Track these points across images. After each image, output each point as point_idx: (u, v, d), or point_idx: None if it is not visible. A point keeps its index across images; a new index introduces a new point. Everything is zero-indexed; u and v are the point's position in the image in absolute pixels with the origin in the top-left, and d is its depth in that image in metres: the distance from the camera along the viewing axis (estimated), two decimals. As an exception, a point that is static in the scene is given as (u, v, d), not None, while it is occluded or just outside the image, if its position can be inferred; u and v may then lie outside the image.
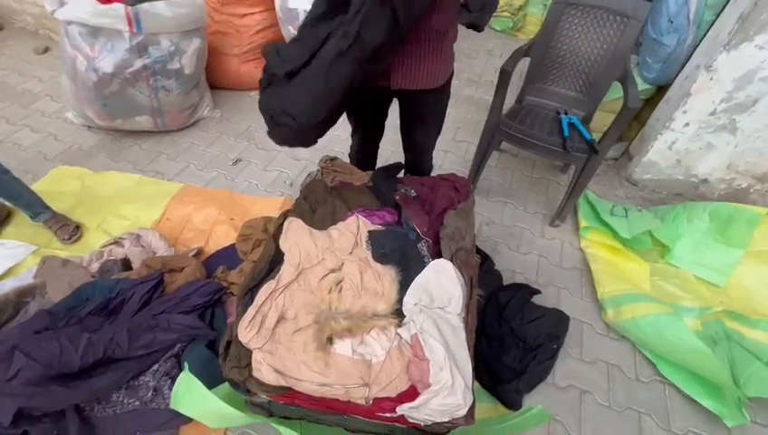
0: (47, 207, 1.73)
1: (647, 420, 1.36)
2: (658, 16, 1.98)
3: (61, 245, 1.72)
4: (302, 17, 2.22)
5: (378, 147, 1.67)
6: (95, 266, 1.55)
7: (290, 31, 2.32)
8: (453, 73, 1.34)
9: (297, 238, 1.18)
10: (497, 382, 1.37)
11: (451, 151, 2.44)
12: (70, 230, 1.73)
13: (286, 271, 1.09)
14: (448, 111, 1.43)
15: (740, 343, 1.48)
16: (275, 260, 1.15)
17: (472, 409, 0.90)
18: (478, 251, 1.65)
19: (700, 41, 1.95)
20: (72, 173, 2.08)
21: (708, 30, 1.92)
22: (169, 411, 1.14)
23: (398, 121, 1.47)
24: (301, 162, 2.28)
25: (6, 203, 1.73)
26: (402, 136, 1.54)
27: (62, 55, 2.05)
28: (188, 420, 1.16)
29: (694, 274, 1.75)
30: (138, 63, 2.04)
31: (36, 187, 1.85)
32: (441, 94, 1.35)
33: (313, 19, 1.11)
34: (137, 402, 1.21)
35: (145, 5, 1.95)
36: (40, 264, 1.54)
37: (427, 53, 1.18)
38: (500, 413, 1.33)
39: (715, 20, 1.89)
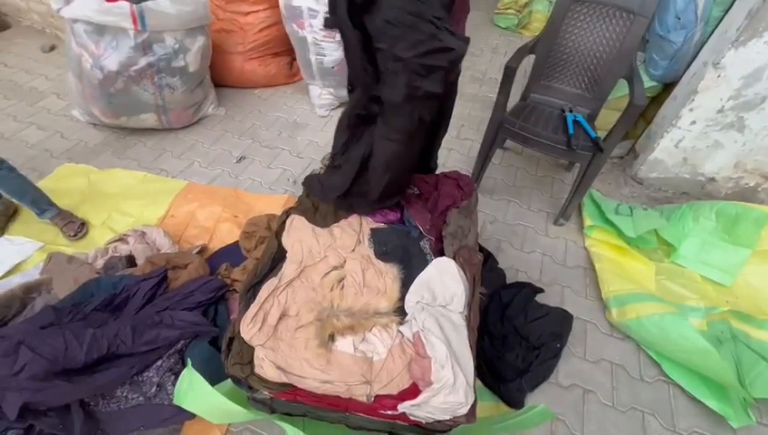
0: (53, 204, 1.75)
1: (651, 420, 1.35)
2: (665, 13, 1.95)
3: (66, 241, 1.74)
4: (305, 14, 2.22)
5: None
6: (100, 263, 1.57)
7: (293, 28, 2.31)
8: (459, 73, 1.33)
9: (299, 236, 1.18)
10: (500, 381, 1.36)
11: (455, 149, 2.43)
12: (75, 227, 1.74)
13: (288, 268, 1.09)
14: (452, 108, 1.42)
15: (746, 343, 1.46)
16: (278, 257, 1.15)
17: (473, 407, 0.90)
18: (481, 249, 1.65)
19: (708, 37, 1.93)
20: (78, 170, 2.09)
21: (716, 26, 1.89)
22: (173, 407, 1.15)
23: None
24: (304, 160, 2.29)
25: (13, 200, 1.75)
26: None
27: (68, 53, 2.07)
28: (192, 415, 1.17)
29: (700, 273, 1.73)
30: (142, 61, 2.05)
31: (42, 184, 1.88)
32: (451, 92, 1.34)
33: (341, 148, 1.16)
34: (140, 398, 1.22)
35: (150, 3, 1.96)
36: (46, 260, 1.56)
37: None
38: (502, 412, 1.33)
39: (723, 16, 1.86)
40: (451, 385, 0.87)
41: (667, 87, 2.16)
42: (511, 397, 1.33)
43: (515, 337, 1.48)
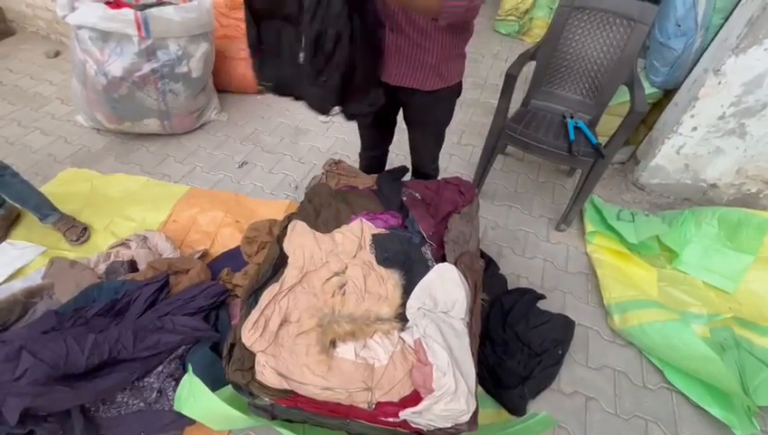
0: (55, 209, 1.75)
1: (653, 428, 1.34)
2: (666, 20, 1.97)
3: (69, 246, 1.74)
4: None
5: (386, 151, 1.67)
6: (102, 268, 1.57)
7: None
8: (459, 84, 1.33)
9: (301, 241, 1.18)
10: (501, 388, 1.35)
11: (456, 155, 2.44)
12: (78, 232, 1.75)
13: (290, 274, 1.09)
14: (453, 113, 1.42)
15: (749, 350, 1.45)
16: (279, 263, 1.15)
17: (475, 414, 0.89)
18: (483, 255, 1.65)
19: (708, 45, 1.93)
20: (81, 175, 2.10)
21: (716, 34, 1.90)
22: (173, 413, 1.14)
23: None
24: (306, 165, 2.29)
25: (16, 205, 1.76)
26: (409, 140, 1.55)
27: (73, 59, 2.09)
28: (192, 421, 1.17)
29: (702, 280, 1.73)
30: (146, 67, 2.06)
31: (46, 188, 1.88)
32: (440, 101, 1.32)
33: None
34: (141, 403, 1.22)
35: (154, 10, 1.98)
36: (48, 265, 1.56)
37: (421, 48, 1.16)
38: (504, 419, 1.32)
39: (723, 23, 1.87)
40: (452, 392, 0.87)
41: (668, 93, 2.17)
42: (513, 404, 1.33)
43: (517, 344, 1.47)
